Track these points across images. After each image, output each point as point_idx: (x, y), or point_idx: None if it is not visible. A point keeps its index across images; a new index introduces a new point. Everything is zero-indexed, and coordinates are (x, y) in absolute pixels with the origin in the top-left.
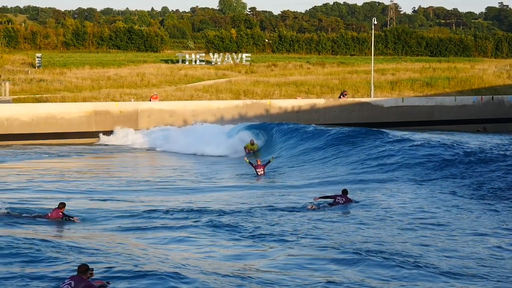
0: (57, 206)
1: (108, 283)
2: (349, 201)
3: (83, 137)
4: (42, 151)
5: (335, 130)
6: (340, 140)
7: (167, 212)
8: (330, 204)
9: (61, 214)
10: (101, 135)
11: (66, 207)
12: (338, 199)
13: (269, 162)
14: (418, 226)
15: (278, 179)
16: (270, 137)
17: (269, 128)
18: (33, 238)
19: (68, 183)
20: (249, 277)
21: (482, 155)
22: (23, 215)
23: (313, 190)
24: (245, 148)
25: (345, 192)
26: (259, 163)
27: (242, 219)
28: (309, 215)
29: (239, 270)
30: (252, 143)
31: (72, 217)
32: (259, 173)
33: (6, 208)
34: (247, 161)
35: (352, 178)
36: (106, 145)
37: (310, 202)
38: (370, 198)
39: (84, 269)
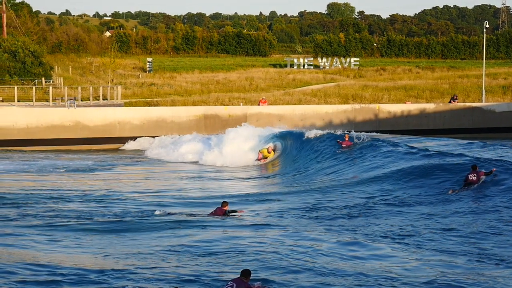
0: (220, 205)
1: (265, 286)
2: (481, 175)
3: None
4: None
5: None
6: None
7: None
8: (466, 185)
9: (224, 210)
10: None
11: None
12: (471, 177)
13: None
14: None
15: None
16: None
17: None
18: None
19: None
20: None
21: None
22: (181, 215)
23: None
24: (260, 152)
25: (474, 167)
26: (346, 138)
27: (361, 218)
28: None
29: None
30: (269, 151)
31: (236, 211)
32: (343, 146)
33: (165, 211)
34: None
35: None
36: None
37: (450, 187)
38: None
39: (247, 273)
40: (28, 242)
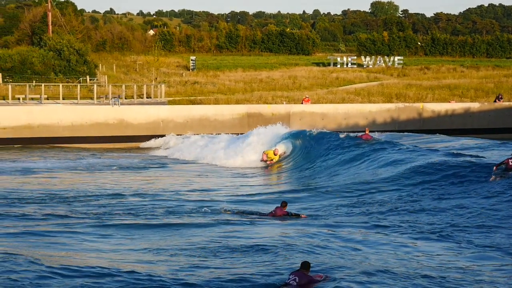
0: (279, 205)
1: (327, 276)
2: None
3: None
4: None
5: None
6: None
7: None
8: (506, 170)
9: (284, 210)
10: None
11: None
12: (511, 162)
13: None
14: None
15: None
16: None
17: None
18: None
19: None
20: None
21: None
22: (245, 213)
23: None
24: (264, 153)
25: None
26: (367, 132)
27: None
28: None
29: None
30: (275, 153)
31: (299, 215)
32: (363, 139)
33: (230, 209)
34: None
35: None
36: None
37: (494, 174)
38: None
39: (307, 265)
40: (83, 241)
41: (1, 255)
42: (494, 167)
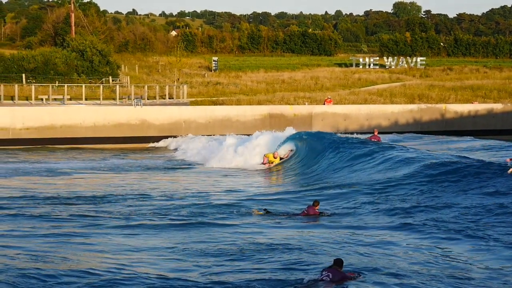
0: (311, 204)
1: (360, 274)
2: None
3: None
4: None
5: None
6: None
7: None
8: None
9: (316, 210)
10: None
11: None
12: None
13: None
14: None
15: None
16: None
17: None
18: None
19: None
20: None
21: None
22: (280, 214)
23: None
24: (265, 156)
25: None
26: (375, 133)
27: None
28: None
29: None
30: (275, 156)
31: (327, 214)
32: (372, 140)
33: (264, 209)
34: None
35: None
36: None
37: (510, 165)
38: None
39: (340, 262)
40: (109, 241)
41: (29, 256)
42: (507, 159)
